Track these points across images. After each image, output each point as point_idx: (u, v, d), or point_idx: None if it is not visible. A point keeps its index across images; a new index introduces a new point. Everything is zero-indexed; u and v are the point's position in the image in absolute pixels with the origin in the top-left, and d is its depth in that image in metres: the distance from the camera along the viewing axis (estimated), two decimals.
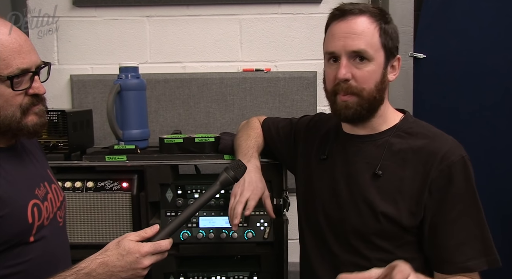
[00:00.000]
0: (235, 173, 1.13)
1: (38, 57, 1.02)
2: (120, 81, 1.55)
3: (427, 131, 1.13)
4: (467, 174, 1.06)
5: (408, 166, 1.09)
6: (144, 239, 1.01)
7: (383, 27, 1.08)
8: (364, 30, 1.06)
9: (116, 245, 0.99)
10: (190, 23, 2.01)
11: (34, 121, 1.01)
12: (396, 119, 1.18)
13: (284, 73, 1.99)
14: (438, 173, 1.05)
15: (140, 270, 0.98)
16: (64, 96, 2.01)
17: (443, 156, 1.06)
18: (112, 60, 2.00)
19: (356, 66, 1.07)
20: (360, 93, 1.08)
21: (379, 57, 1.08)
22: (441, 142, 1.09)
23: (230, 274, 1.53)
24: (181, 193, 1.50)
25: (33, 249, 1.01)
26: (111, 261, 0.96)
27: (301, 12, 2.00)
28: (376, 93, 1.09)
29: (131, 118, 1.58)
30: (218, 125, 2.00)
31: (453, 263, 1.05)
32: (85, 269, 0.95)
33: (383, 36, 1.08)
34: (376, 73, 1.09)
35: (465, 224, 1.05)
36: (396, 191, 1.08)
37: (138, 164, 1.49)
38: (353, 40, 1.06)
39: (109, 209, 1.47)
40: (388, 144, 1.13)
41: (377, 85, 1.09)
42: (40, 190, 1.06)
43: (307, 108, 1.98)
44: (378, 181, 1.11)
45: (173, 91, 1.98)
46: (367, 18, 1.07)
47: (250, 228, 1.48)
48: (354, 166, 1.15)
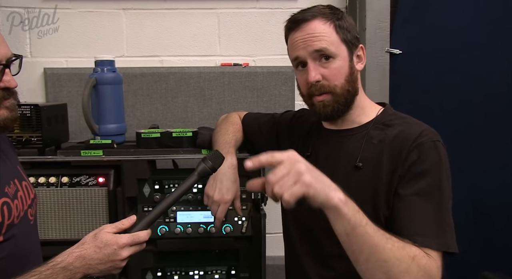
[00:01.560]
0: (213, 163, 1.13)
1: (9, 49, 0.99)
2: (95, 75, 1.53)
3: (405, 122, 1.15)
4: (436, 155, 1.06)
5: (385, 154, 1.10)
6: (121, 230, 1.00)
7: (337, 24, 1.13)
8: (321, 32, 1.11)
9: (93, 237, 0.97)
10: (168, 16, 1.99)
11: (4, 116, 0.98)
12: (375, 111, 1.20)
13: (262, 67, 1.99)
14: (407, 153, 1.07)
15: (118, 262, 0.97)
16: (38, 90, 1.97)
17: (415, 138, 1.07)
18: (88, 54, 1.96)
19: (323, 66, 1.12)
20: (333, 91, 1.12)
21: (342, 52, 1.12)
22: (416, 128, 1.11)
23: (208, 269, 1.53)
24: (158, 188, 1.49)
25: (3, 248, 0.98)
26: (88, 254, 0.95)
27: (279, 7, 2.00)
28: (348, 86, 1.13)
29: (107, 113, 1.55)
30: (196, 120, 1.99)
31: (401, 235, 1.01)
32: (61, 263, 0.94)
33: (340, 31, 1.12)
34: (344, 68, 1.13)
35: (422, 203, 1.04)
36: (376, 180, 1.10)
37: (114, 158, 1.47)
38: (313, 41, 1.11)
39: (85, 204, 1.44)
40: (367, 137, 1.15)
41: (347, 78, 1.13)
42: (10, 188, 1.03)
43: (285, 103, 1.99)
44: (358, 173, 1.12)
45: (150, 86, 1.96)
46: (320, 21, 1.12)
47: (228, 223, 1.49)
48: (337, 160, 1.17)
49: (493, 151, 2.06)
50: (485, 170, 2.06)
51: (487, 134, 2.06)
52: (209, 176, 1.18)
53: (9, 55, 0.99)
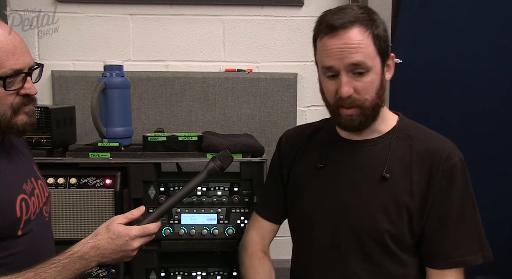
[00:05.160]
0: (221, 162, 1.18)
1: (31, 58, 1.04)
2: (104, 79, 1.57)
3: (425, 133, 1.17)
4: (466, 175, 1.12)
5: (414, 168, 1.11)
6: (131, 221, 1.08)
7: (375, 34, 1.06)
8: (360, 42, 1.04)
9: (105, 229, 1.04)
10: (174, 22, 2.03)
11: (23, 121, 1.03)
12: (393, 120, 1.19)
13: (266, 74, 2.03)
14: (441, 174, 1.09)
15: (129, 252, 1.05)
16: (45, 92, 2.00)
17: (445, 158, 1.10)
18: (95, 57, 2.00)
19: (356, 79, 1.06)
20: (363, 105, 1.08)
21: (376, 64, 1.07)
22: (441, 143, 1.14)
23: (211, 270, 1.57)
24: (163, 190, 1.53)
25: (21, 243, 1.03)
26: (102, 244, 1.02)
27: (283, 15, 2.05)
28: (378, 100, 1.10)
29: (115, 116, 1.59)
30: (200, 124, 2.02)
31: (450, 258, 1.10)
32: (78, 253, 1.00)
33: (377, 42, 1.06)
34: (376, 81, 1.08)
35: (463, 223, 1.10)
36: (407, 193, 1.10)
37: (121, 161, 1.51)
38: (351, 53, 1.03)
39: (92, 205, 1.48)
40: (391, 147, 1.14)
41: (378, 91, 1.09)
42: (27, 185, 1.08)
43: (288, 109, 2.03)
44: (386, 184, 1.11)
45: (155, 90, 2.00)
46: (359, 29, 1.04)
47: (231, 225, 1.53)
48: (360, 171, 1.14)
49: (491, 161, 2.09)
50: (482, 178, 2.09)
51: (487, 144, 2.09)
52: (217, 174, 1.20)
53: (31, 63, 1.04)
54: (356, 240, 1.13)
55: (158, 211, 1.11)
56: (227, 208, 1.54)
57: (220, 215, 1.53)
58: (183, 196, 1.15)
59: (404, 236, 1.11)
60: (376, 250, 1.11)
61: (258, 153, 1.56)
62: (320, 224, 1.17)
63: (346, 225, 1.14)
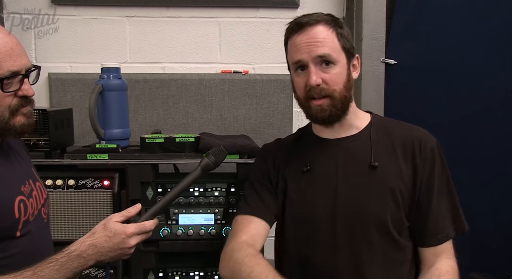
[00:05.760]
0: (215, 158, 1.19)
1: (29, 60, 1.05)
2: (102, 82, 1.57)
3: (399, 124, 1.27)
4: (442, 155, 1.22)
5: (399, 155, 1.20)
6: (128, 218, 1.09)
7: (339, 32, 1.18)
8: (325, 37, 1.15)
9: (102, 227, 1.06)
10: (170, 24, 2.04)
11: (21, 122, 1.05)
12: (367, 116, 1.29)
13: (262, 75, 2.05)
14: (424, 157, 1.19)
15: (127, 249, 1.06)
16: (42, 94, 2.01)
17: (424, 142, 1.20)
18: (92, 59, 2.01)
19: (324, 71, 1.16)
20: (332, 95, 1.16)
21: (342, 59, 1.17)
22: (417, 131, 1.24)
23: (208, 270, 1.58)
24: (161, 191, 1.54)
25: (19, 244, 1.05)
26: (99, 242, 1.03)
27: (279, 17, 2.06)
28: (346, 92, 1.18)
29: (112, 118, 1.60)
30: (196, 125, 2.04)
31: (444, 230, 1.18)
32: (75, 251, 1.02)
33: (341, 39, 1.17)
34: (342, 74, 1.17)
35: (442, 200, 1.19)
36: (397, 177, 1.18)
37: (119, 162, 1.52)
38: (317, 46, 1.14)
39: (90, 206, 1.49)
40: (373, 139, 1.22)
41: (345, 84, 1.18)
42: (26, 187, 1.09)
43: (284, 110, 2.05)
44: (377, 172, 1.18)
45: (152, 91, 2.01)
46: (324, 26, 1.16)
47: (228, 225, 1.54)
48: (348, 165, 1.21)
49: (485, 162, 2.11)
50: (482, 178, 2.12)
51: (481, 145, 2.11)
52: (212, 170, 1.22)
53: (28, 65, 1.05)
54: (359, 232, 1.17)
55: (154, 208, 1.13)
56: (224, 208, 1.55)
57: (218, 215, 1.55)
58: (179, 193, 1.16)
59: (402, 220, 1.18)
60: (379, 238, 1.17)
61: (254, 154, 1.57)
62: (320, 222, 1.20)
63: (347, 218, 1.18)
